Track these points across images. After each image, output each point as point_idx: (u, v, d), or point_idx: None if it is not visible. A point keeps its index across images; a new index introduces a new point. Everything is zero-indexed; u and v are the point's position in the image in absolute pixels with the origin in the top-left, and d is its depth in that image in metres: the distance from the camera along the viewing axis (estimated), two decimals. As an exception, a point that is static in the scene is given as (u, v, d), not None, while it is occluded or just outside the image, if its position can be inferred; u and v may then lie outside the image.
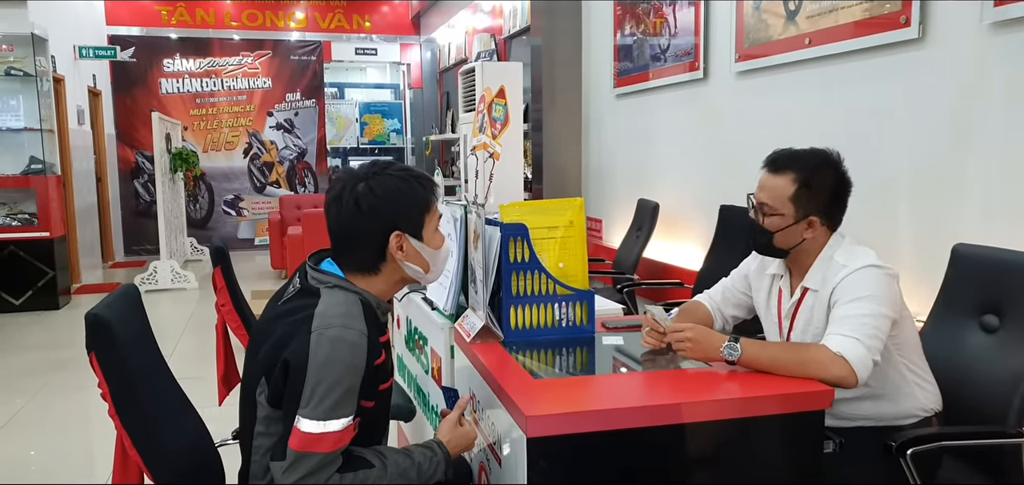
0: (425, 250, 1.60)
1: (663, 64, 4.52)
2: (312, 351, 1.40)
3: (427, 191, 1.59)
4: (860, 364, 1.67)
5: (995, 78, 2.46)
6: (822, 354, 1.68)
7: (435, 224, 1.62)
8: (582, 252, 2.13)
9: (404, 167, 1.60)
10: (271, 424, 1.46)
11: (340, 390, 1.40)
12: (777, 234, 1.89)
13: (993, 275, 2.02)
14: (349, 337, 1.43)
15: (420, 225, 1.58)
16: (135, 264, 9.03)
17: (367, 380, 1.47)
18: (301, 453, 1.38)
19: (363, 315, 1.49)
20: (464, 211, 2.21)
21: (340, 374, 1.40)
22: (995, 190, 2.47)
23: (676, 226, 4.45)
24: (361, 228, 1.53)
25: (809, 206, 1.87)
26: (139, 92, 9.82)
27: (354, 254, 1.56)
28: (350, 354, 1.43)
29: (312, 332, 1.42)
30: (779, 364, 1.68)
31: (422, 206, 1.58)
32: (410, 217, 1.56)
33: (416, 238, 1.57)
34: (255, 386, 1.48)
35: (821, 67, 3.20)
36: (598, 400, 1.58)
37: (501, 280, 2.04)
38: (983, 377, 1.95)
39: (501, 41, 7.53)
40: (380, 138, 11.74)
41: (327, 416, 1.39)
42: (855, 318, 1.72)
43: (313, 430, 1.38)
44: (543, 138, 5.65)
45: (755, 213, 1.94)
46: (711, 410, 1.54)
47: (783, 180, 1.88)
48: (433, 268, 1.63)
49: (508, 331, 2.04)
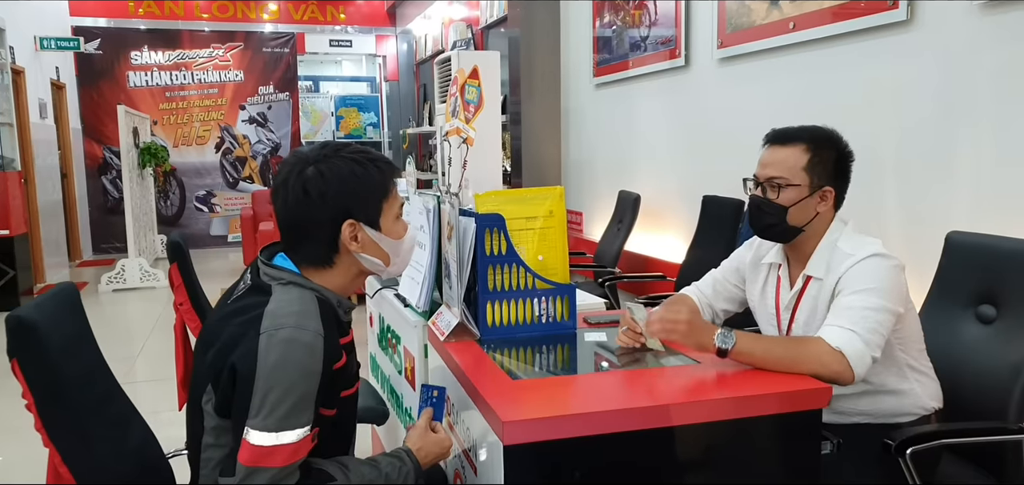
0: (384, 241, 1.45)
1: (643, 52, 4.42)
2: (261, 355, 1.26)
3: (385, 175, 1.44)
4: (858, 360, 1.58)
5: (985, 60, 2.38)
6: (819, 347, 1.58)
7: (396, 212, 1.48)
8: (562, 244, 2.01)
9: (359, 149, 1.45)
10: (220, 435, 1.33)
11: (294, 397, 1.26)
12: (792, 209, 1.76)
13: (989, 264, 1.93)
14: (303, 339, 1.29)
15: (377, 213, 1.43)
16: (104, 262, 8.78)
17: (326, 386, 1.33)
18: (251, 468, 1.24)
19: (320, 314, 1.35)
20: (437, 202, 2.09)
21: (293, 380, 1.26)
22: (986, 175, 2.40)
23: (658, 218, 4.36)
24: (310, 217, 1.38)
25: (823, 176, 1.77)
26: (106, 85, 9.55)
27: (305, 246, 1.41)
28: (304, 357, 1.28)
29: (262, 334, 1.28)
30: (773, 357, 1.57)
31: (379, 192, 1.43)
32: (365, 204, 1.42)
33: (372, 227, 1.43)
34: (201, 394, 1.34)
35: (806, 52, 3.12)
36: (580, 402, 1.47)
37: (477, 274, 1.92)
38: (981, 370, 1.86)
39: (478, 32, 7.39)
40: (356, 132, 11.55)
41: (279, 427, 1.25)
42: (856, 311, 1.63)
43: (264, 443, 1.25)
44: (522, 130, 5.54)
45: (762, 191, 1.81)
46: (702, 411, 1.44)
47: (793, 150, 1.77)
48: (395, 260, 1.49)
49: (484, 328, 1.92)
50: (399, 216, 1.49)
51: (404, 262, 1.53)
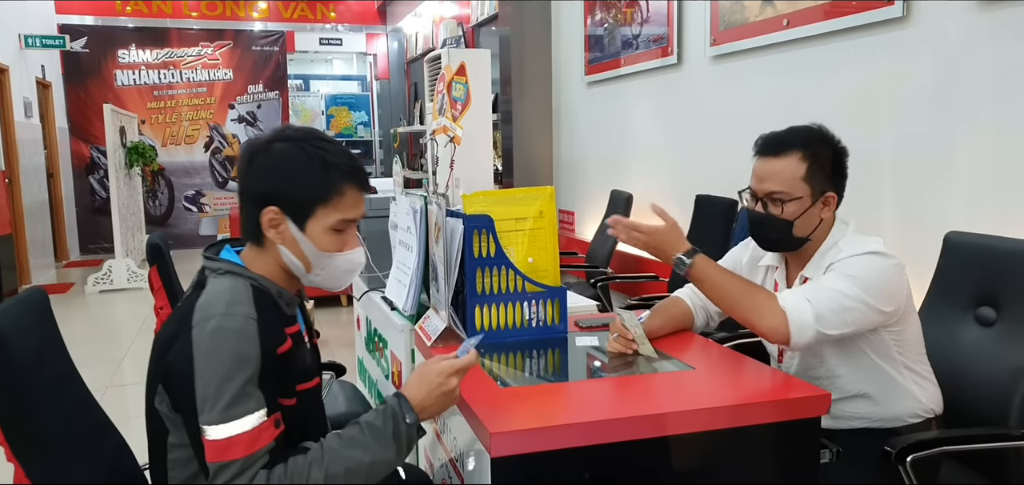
0: (306, 244, 1.35)
1: (635, 50, 4.37)
2: (195, 349, 1.23)
3: (330, 178, 1.33)
4: (799, 328, 1.55)
5: (983, 57, 2.34)
6: (768, 301, 1.58)
7: (332, 223, 1.35)
8: (553, 245, 1.96)
9: (329, 144, 1.36)
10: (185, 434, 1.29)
11: (235, 385, 1.22)
12: (797, 222, 1.70)
13: (989, 265, 1.89)
14: (232, 324, 1.25)
15: (306, 213, 1.34)
16: (91, 263, 8.67)
17: (273, 371, 1.28)
18: (218, 465, 1.21)
19: (253, 300, 1.30)
20: (424, 202, 2.03)
21: (229, 368, 1.22)
22: (985, 174, 2.36)
23: (651, 217, 4.30)
24: (246, 189, 1.36)
25: (823, 181, 1.71)
26: (93, 84, 9.43)
27: (243, 220, 1.38)
28: (236, 343, 1.24)
29: (193, 327, 1.25)
30: (721, 289, 1.61)
31: (312, 192, 1.33)
32: (294, 196, 1.33)
33: (297, 225, 1.34)
34: (154, 397, 1.30)
35: (800, 49, 3.07)
36: (571, 411, 1.42)
37: (465, 277, 1.87)
38: (981, 374, 1.82)
39: (469, 29, 7.33)
40: (347, 131, 11.46)
41: (228, 416, 1.21)
42: (823, 288, 1.60)
43: (219, 436, 1.21)
44: (513, 130, 5.48)
45: (763, 207, 1.74)
46: (697, 420, 1.38)
47: (790, 161, 1.70)
48: (317, 271, 1.38)
49: (473, 333, 1.87)
50: (340, 230, 1.36)
51: (333, 279, 1.41)
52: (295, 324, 1.41)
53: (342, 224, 1.36)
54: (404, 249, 2.19)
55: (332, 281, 1.42)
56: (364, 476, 1.29)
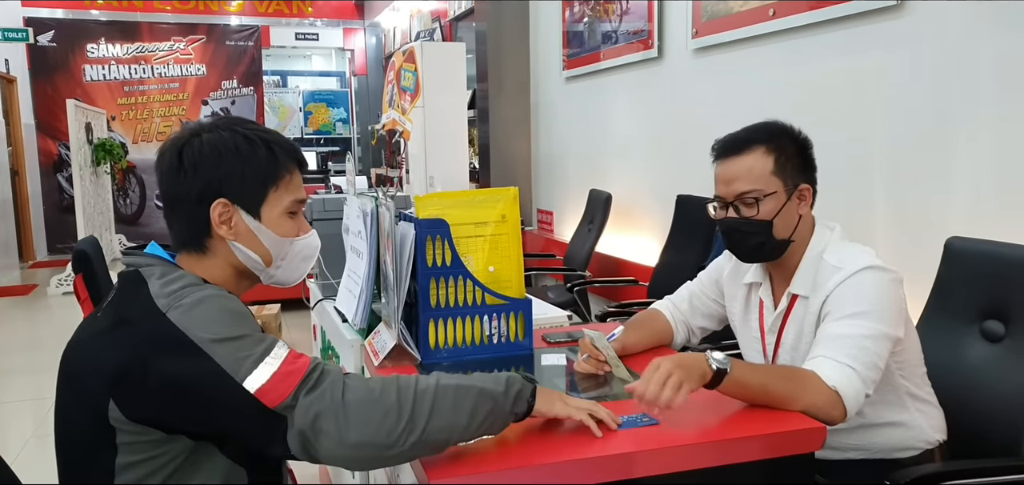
0: (264, 233, 1.25)
1: (615, 43, 4.19)
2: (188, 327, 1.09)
3: (277, 159, 1.24)
4: (853, 400, 1.36)
5: (984, 48, 2.17)
6: (816, 385, 1.35)
7: (287, 206, 1.27)
8: (517, 252, 1.77)
9: (259, 128, 1.27)
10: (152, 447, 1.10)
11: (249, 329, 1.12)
12: (776, 220, 1.52)
13: (995, 273, 1.71)
14: (208, 291, 1.15)
15: (258, 198, 1.24)
16: (58, 263, 8.39)
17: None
18: (292, 394, 1.07)
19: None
20: (375, 204, 1.83)
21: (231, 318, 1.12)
22: (988, 174, 2.19)
23: (630, 218, 4.13)
24: (181, 189, 1.21)
25: (794, 173, 1.54)
26: (60, 79, 9.13)
27: (176, 226, 1.25)
28: (223, 301, 1.14)
29: (166, 312, 1.11)
30: (768, 391, 1.33)
31: (262, 174, 1.23)
32: (242, 183, 1.22)
33: (250, 214, 1.23)
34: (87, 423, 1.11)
35: (787, 40, 2.90)
36: (530, 450, 1.21)
37: (417, 289, 1.67)
38: (988, 395, 1.65)
39: (446, 24, 7.13)
40: (326, 128, 11.24)
41: (260, 356, 1.09)
42: (851, 340, 1.39)
43: (270, 372, 1.08)
44: (490, 127, 5.29)
45: (735, 212, 1.55)
46: (673, 459, 1.20)
47: (755, 156, 1.53)
48: (279, 262, 1.28)
49: (426, 351, 1.67)
50: (294, 213, 1.29)
51: (295, 269, 1.32)
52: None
53: (297, 206, 1.29)
54: (355, 255, 1.99)
55: (292, 272, 1.32)
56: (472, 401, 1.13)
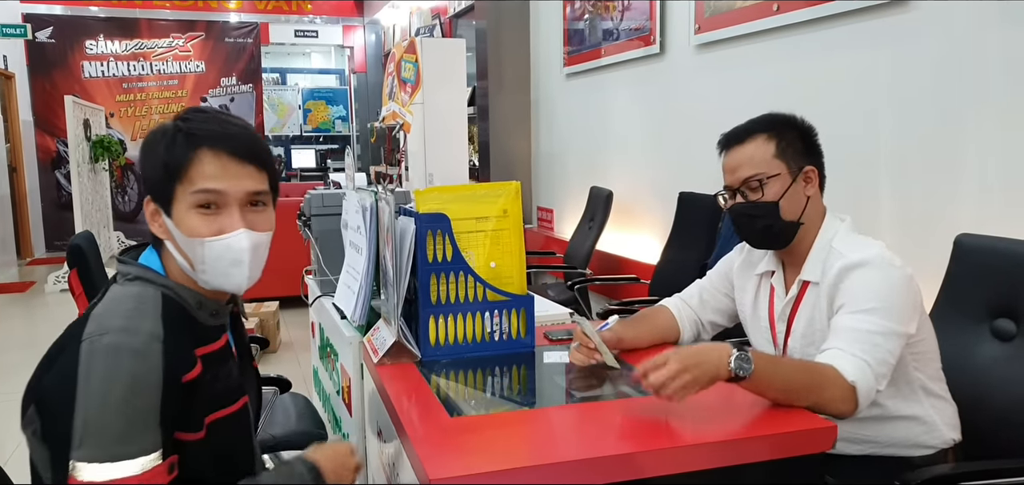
0: (177, 234, 1.15)
1: (616, 39, 4.15)
2: (82, 367, 1.03)
3: (182, 148, 1.13)
4: (866, 396, 1.35)
5: (992, 42, 2.14)
6: (836, 379, 1.33)
7: (193, 199, 1.13)
8: (518, 248, 1.73)
9: (197, 113, 1.18)
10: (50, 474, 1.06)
11: (125, 417, 1.02)
12: (782, 202, 1.54)
13: (1007, 271, 1.68)
14: (131, 343, 1.05)
15: (168, 194, 1.14)
16: (56, 260, 8.34)
17: (175, 402, 1.07)
18: None
19: (162, 313, 1.10)
20: (375, 199, 1.80)
21: (121, 394, 1.02)
22: (995, 169, 2.16)
23: (631, 215, 4.10)
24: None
25: (798, 157, 1.56)
26: (59, 75, 9.07)
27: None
28: (133, 365, 1.04)
29: (83, 341, 1.05)
30: (789, 388, 1.30)
31: (170, 166, 1.13)
32: (155, 180, 1.15)
33: (166, 212, 1.15)
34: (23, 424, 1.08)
35: (791, 36, 2.87)
36: (532, 450, 1.19)
37: (417, 284, 1.64)
38: (1000, 394, 1.62)
39: (446, 21, 7.09)
40: (325, 125, 11.21)
41: (112, 455, 1.01)
42: (865, 336, 1.38)
43: (95, 479, 1.00)
44: (490, 124, 5.26)
45: (742, 198, 1.58)
46: (685, 459, 1.17)
47: (756, 143, 1.57)
48: (199, 266, 1.15)
49: (426, 348, 1.64)
50: (206, 207, 1.14)
51: (219, 273, 1.16)
52: (219, 338, 1.20)
53: (205, 197, 1.13)
54: (354, 251, 1.96)
55: (219, 276, 1.17)
56: None
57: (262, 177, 1.19)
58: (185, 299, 1.16)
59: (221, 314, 1.22)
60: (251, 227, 1.17)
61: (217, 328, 1.21)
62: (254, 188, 1.17)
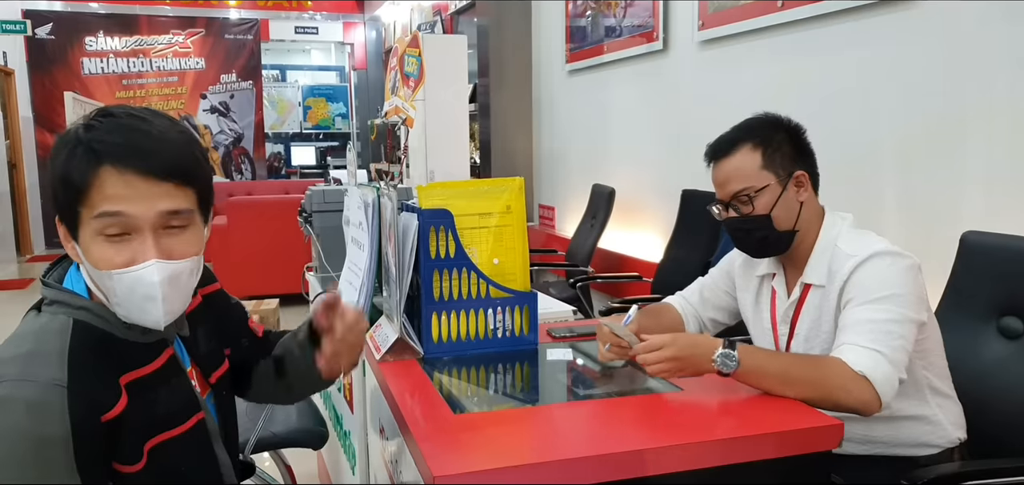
0: (85, 263, 1.01)
1: (619, 36, 4.14)
2: None
3: (83, 165, 0.97)
4: (886, 386, 1.32)
5: (998, 38, 2.13)
6: (841, 371, 1.32)
7: (95, 225, 0.98)
8: (522, 244, 1.72)
9: (106, 118, 1.00)
10: None
11: (31, 477, 0.92)
12: (774, 213, 1.51)
13: (1013, 269, 1.67)
14: (23, 394, 0.93)
15: (73, 218, 1.00)
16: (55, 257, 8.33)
17: (96, 446, 0.97)
18: None
19: (70, 348, 0.98)
20: (377, 194, 1.79)
21: (21, 455, 0.92)
22: (1001, 167, 2.15)
23: (634, 213, 4.08)
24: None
25: (786, 162, 1.53)
26: (59, 72, 9.06)
27: None
28: (28, 423, 0.92)
29: None
30: (789, 379, 1.30)
31: (73, 188, 0.97)
32: (58, 199, 1.00)
33: (74, 238, 1.01)
34: None
35: (796, 32, 2.85)
36: (536, 447, 1.18)
37: (420, 281, 1.63)
38: (1005, 393, 1.61)
39: (447, 18, 7.08)
40: (325, 122, 11.18)
41: None
42: (876, 325, 1.36)
43: None
44: (491, 122, 5.24)
45: (735, 212, 1.56)
46: (690, 457, 1.15)
47: (742, 154, 1.54)
48: (113, 300, 1.02)
49: (429, 345, 1.63)
50: (112, 236, 0.99)
51: (134, 307, 1.02)
52: (156, 358, 1.09)
53: (110, 222, 0.97)
54: (356, 247, 1.94)
55: (135, 311, 1.02)
56: None
57: (183, 194, 1.02)
58: (109, 321, 1.04)
59: (154, 331, 1.08)
60: (167, 255, 1.01)
61: (154, 345, 1.09)
62: (170, 208, 1.01)
